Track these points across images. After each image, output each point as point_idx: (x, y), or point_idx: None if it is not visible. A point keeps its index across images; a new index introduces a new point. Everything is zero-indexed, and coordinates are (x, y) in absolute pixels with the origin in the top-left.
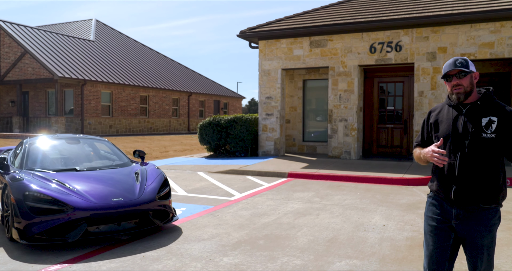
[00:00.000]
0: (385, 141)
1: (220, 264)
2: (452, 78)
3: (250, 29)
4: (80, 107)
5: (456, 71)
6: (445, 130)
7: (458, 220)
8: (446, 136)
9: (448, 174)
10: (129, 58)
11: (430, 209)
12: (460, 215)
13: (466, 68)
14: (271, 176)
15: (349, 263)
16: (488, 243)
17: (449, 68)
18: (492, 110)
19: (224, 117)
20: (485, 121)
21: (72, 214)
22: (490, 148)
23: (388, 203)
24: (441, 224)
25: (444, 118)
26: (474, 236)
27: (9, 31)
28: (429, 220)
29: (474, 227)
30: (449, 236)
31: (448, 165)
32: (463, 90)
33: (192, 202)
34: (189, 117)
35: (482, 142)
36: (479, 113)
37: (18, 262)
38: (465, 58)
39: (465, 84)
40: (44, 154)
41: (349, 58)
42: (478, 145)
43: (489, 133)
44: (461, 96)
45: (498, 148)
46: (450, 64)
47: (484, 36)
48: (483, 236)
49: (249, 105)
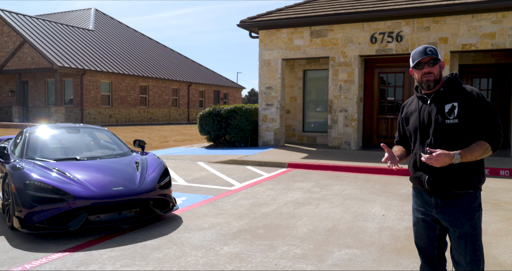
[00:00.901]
0: (385, 131)
1: (220, 253)
2: (424, 66)
3: (250, 18)
4: (79, 97)
5: (428, 59)
6: (414, 122)
7: (438, 208)
8: (415, 129)
9: (419, 164)
10: (129, 48)
11: (414, 201)
12: (439, 203)
13: (436, 56)
14: (271, 166)
15: (349, 252)
16: (469, 231)
17: (420, 56)
18: (455, 95)
19: (224, 108)
20: (448, 108)
21: (73, 203)
22: (455, 133)
23: (387, 193)
24: (425, 216)
25: (413, 110)
26: (454, 224)
27: (8, 20)
28: (415, 211)
29: (453, 214)
30: (434, 227)
31: (418, 155)
32: (433, 78)
33: (192, 192)
34: (189, 107)
35: (445, 129)
36: (443, 100)
37: (19, 250)
38: (433, 47)
39: (435, 72)
40: (44, 143)
41: (350, 48)
42: (442, 132)
43: (451, 119)
44: (431, 84)
45: (464, 132)
46: (421, 52)
47: (486, 27)
48: (463, 222)
49: (249, 96)
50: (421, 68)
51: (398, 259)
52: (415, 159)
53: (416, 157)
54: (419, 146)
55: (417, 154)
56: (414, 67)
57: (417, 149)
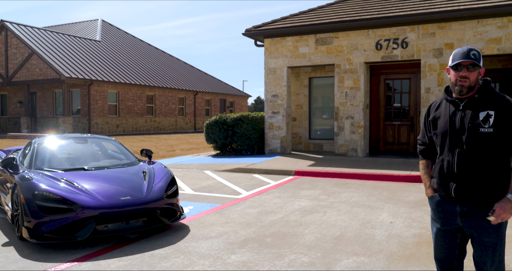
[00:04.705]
0: (392, 138)
1: (228, 262)
2: (463, 69)
3: (255, 27)
4: (87, 107)
5: (469, 63)
6: (443, 127)
7: (464, 217)
8: (444, 133)
9: (447, 171)
10: (135, 57)
11: (433, 212)
12: (465, 212)
13: (478, 62)
14: (278, 174)
15: (357, 260)
16: (496, 240)
17: (462, 58)
18: (490, 103)
19: (230, 116)
20: (482, 116)
21: (81, 213)
22: (489, 142)
23: (395, 200)
24: (446, 227)
25: (442, 114)
26: (481, 233)
27: (16, 32)
28: (434, 222)
29: (480, 223)
30: (455, 236)
31: (446, 162)
32: (468, 84)
33: (199, 200)
34: (195, 116)
35: (480, 137)
36: (477, 107)
37: (28, 260)
38: (478, 51)
39: (472, 78)
40: (52, 153)
41: (355, 55)
42: (476, 140)
43: (487, 128)
44: (464, 90)
45: (498, 142)
46: (464, 54)
47: (491, 32)
48: (490, 232)
49: (255, 104)
50: (459, 71)
51: (406, 266)
52: (441, 164)
53: (443, 163)
54: (447, 152)
55: (445, 160)
56: (452, 68)
57: (445, 155)
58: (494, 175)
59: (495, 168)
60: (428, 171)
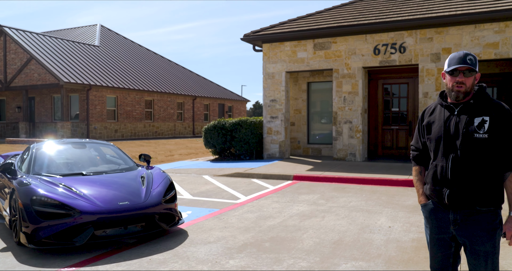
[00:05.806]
0: (390, 142)
1: (226, 267)
2: (459, 74)
3: (253, 32)
4: (85, 112)
5: (465, 68)
6: (437, 132)
7: (457, 225)
8: (438, 138)
9: (440, 177)
10: (134, 62)
11: (426, 220)
12: (458, 220)
13: (475, 67)
14: (276, 178)
15: (355, 264)
16: (490, 249)
17: (458, 63)
18: (486, 109)
19: (229, 121)
20: (477, 121)
21: (79, 218)
22: (483, 149)
23: (393, 204)
24: (440, 235)
25: (436, 119)
26: (474, 242)
27: (14, 37)
28: (429, 231)
29: (473, 231)
30: (450, 245)
31: (440, 167)
32: (464, 89)
33: (198, 205)
34: (194, 121)
35: (474, 143)
36: (472, 112)
37: (26, 266)
38: (474, 56)
39: (468, 84)
40: (50, 158)
41: (353, 60)
42: (470, 146)
43: (481, 134)
44: (461, 95)
45: (492, 148)
46: (460, 59)
47: (489, 37)
48: (484, 241)
49: (253, 109)
50: (455, 76)
51: None
52: (435, 170)
53: (437, 168)
54: (441, 157)
55: (438, 165)
56: (448, 73)
57: (439, 160)
58: (488, 181)
59: (489, 175)
60: (421, 178)
